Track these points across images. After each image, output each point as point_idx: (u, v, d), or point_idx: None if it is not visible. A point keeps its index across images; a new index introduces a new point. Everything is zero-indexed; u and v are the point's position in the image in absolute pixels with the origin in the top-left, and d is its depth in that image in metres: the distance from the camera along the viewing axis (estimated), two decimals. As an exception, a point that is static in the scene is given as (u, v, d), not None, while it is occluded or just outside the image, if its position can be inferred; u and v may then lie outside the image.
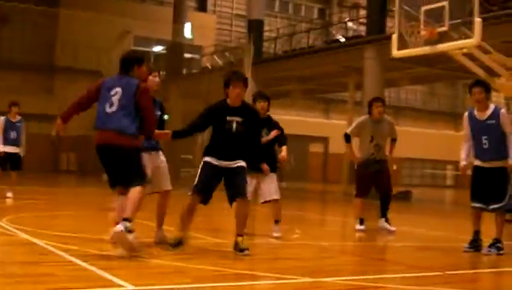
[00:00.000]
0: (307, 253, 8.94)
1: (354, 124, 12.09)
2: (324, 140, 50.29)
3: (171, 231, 8.37)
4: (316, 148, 50.51)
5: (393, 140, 12.37)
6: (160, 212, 8.55)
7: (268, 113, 10.02)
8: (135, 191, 7.32)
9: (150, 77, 8.30)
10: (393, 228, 11.99)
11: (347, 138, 11.94)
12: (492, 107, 9.47)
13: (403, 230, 12.73)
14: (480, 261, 8.95)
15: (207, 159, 8.22)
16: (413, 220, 17.13)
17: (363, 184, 12.14)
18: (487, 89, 9.42)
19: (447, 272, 7.55)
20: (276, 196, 9.81)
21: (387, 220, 12.12)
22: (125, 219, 7.13)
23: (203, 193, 8.07)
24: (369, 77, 26.18)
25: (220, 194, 8.24)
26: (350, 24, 35.37)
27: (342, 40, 31.03)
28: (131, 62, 7.77)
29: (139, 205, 7.33)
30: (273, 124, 9.91)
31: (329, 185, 42.22)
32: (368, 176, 12.04)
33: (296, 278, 6.60)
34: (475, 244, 9.36)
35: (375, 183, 12.17)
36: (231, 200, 8.05)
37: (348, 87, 30.82)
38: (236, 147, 8.20)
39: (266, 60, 33.54)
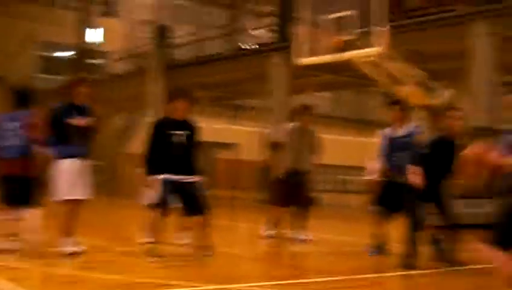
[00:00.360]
0: (217, 260, 8.92)
1: (280, 132, 11.78)
2: (233, 146, 50.36)
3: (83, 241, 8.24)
4: (224, 154, 50.51)
5: (316, 150, 12.04)
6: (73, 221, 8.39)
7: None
8: None
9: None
10: (305, 237, 11.63)
11: (272, 146, 11.66)
12: (411, 125, 9.64)
13: (313, 236, 12.85)
14: (386, 265, 9.11)
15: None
16: (324, 225, 17.32)
17: (282, 194, 11.78)
18: (403, 107, 9.60)
19: (353, 276, 7.67)
20: None
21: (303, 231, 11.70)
22: None
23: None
24: (276, 83, 26.37)
25: (124, 202, 8.19)
26: (257, 31, 35.50)
27: (250, 47, 31.16)
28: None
29: None
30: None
31: (239, 191, 42.29)
32: (290, 185, 11.69)
33: (201, 286, 6.58)
34: (380, 248, 9.53)
35: (295, 195, 11.78)
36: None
37: (256, 94, 30.97)
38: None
39: (174, 67, 33.39)
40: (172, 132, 8.67)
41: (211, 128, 46.19)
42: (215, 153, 50.13)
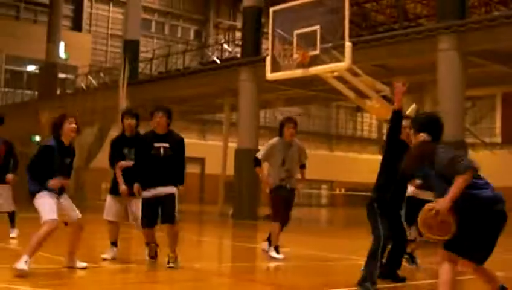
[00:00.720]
0: (180, 275, 8.90)
1: (264, 147, 11.25)
2: (200, 161, 50.35)
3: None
4: (192, 169, 50.45)
5: (303, 165, 11.77)
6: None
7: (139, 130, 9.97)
8: None
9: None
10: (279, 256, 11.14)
11: (257, 162, 11.12)
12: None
13: (281, 250, 12.84)
14: (349, 279, 9.14)
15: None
16: (288, 239, 17.30)
17: (280, 208, 11.36)
18: None
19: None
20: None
21: (276, 248, 11.34)
22: None
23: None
24: (244, 98, 26.42)
25: (90, 217, 8.14)
26: (226, 46, 35.59)
27: (218, 61, 31.22)
28: None
29: None
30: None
31: (206, 205, 42.26)
32: (282, 199, 11.32)
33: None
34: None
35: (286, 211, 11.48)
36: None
37: (223, 109, 31.01)
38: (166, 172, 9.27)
39: (142, 81, 33.37)
40: (156, 144, 9.30)
41: (178, 142, 46.16)
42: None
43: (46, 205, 7.95)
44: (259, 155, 11.17)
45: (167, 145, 9.41)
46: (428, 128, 6.21)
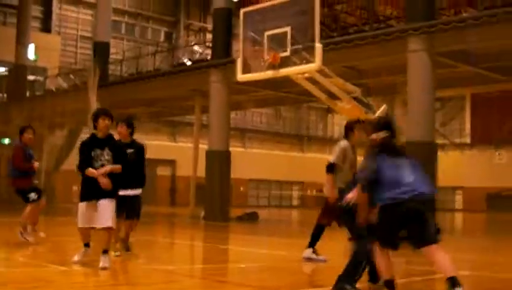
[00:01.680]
0: (152, 278, 8.88)
1: (337, 151, 10.01)
2: (171, 163, 50.24)
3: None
4: (163, 171, 50.29)
5: None
6: None
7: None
8: None
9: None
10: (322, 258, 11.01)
11: (331, 168, 10.01)
12: None
13: (249, 251, 12.87)
14: (320, 279, 9.18)
15: None
16: (259, 240, 17.36)
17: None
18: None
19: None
20: (109, 224, 9.40)
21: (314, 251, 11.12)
22: None
23: None
24: (215, 99, 26.39)
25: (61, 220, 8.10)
26: (196, 48, 35.51)
27: (188, 63, 31.17)
28: None
29: None
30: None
31: (177, 207, 42.17)
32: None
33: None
34: None
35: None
36: None
37: (194, 110, 30.96)
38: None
39: (112, 83, 33.22)
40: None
41: (149, 145, 46.11)
42: (155, 169, 49.93)
43: None
44: (334, 160, 10.02)
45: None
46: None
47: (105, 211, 9.17)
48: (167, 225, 24.96)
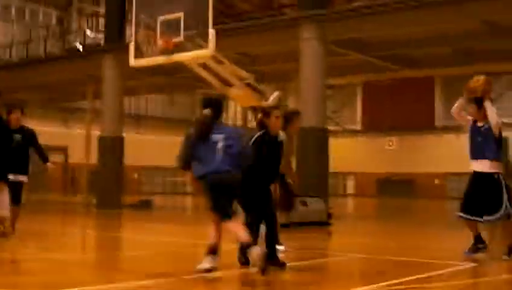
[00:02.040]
0: (41, 267, 8.70)
1: None
2: (63, 150, 49.28)
3: None
4: (55, 158, 49.24)
5: None
6: None
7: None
8: None
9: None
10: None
11: None
12: None
13: (142, 239, 12.78)
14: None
15: None
16: (152, 228, 17.25)
17: None
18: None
19: (184, 277, 7.70)
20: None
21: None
22: None
23: None
24: (108, 85, 26.01)
25: None
26: (88, 32, 34.89)
27: (80, 48, 30.59)
28: None
29: None
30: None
31: (70, 196, 41.47)
32: None
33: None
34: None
35: None
36: None
37: (87, 96, 30.47)
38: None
39: (0, 68, 32.27)
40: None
41: (40, 131, 45.13)
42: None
43: None
44: None
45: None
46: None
47: None
48: (59, 214, 24.50)
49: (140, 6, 15.52)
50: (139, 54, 15.31)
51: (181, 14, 14.41)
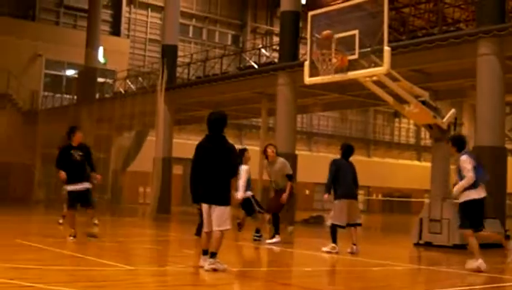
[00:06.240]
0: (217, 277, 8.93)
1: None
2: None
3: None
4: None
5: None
6: None
7: None
8: None
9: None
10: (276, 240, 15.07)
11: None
12: None
13: (312, 254, 12.82)
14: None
15: None
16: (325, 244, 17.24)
17: None
18: None
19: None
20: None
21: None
22: None
23: None
24: (281, 103, 26.39)
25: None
26: (263, 51, 35.55)
27: (255, 66, 31.23)
28: None
29: None
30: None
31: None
32: None
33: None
34: None
35: None
36: None
37: (260, 113, 31.02)
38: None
39: (179, 86, 33.47)
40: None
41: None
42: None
43: None
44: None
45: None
46: None
47: None
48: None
49: (314, 25, 15.66)
50: (313, 72, 15.45)
51: (356, 32, 14.43)
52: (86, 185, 13.69)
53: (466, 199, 10.58)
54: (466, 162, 10.53)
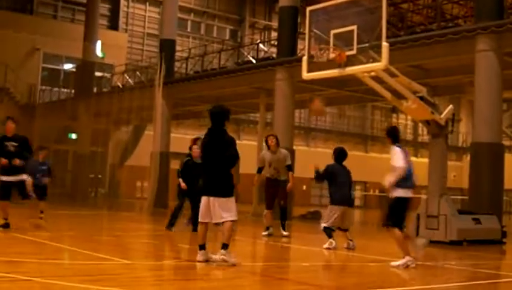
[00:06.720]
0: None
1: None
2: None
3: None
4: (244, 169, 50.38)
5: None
6: None
7: None
8: None
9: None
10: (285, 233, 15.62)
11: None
12: None
13: (309, 250, 12.84)
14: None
15: None
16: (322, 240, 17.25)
17: None
18: None
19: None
20: None
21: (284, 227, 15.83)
22: None
23: None
24: (279, 98, 26.39)
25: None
26: (261, 46, 35.50)
27: (253, 61, 31.20)
28: None
29: None
30: None
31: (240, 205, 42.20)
32: None
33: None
34: None
35: None
36: None
37: (258, 108, 31.01)
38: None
39: (177, 80, 33.44)
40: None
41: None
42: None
43: None
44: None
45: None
46: None
47: None
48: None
49: (313, 20, 15.64)
50: (311, 67, 15.43)
51: (354, 27, 14.41)
52: (22, 177, 13.65)
53: (397, 196, 10.49)
54: (398, 152, 10.54)
